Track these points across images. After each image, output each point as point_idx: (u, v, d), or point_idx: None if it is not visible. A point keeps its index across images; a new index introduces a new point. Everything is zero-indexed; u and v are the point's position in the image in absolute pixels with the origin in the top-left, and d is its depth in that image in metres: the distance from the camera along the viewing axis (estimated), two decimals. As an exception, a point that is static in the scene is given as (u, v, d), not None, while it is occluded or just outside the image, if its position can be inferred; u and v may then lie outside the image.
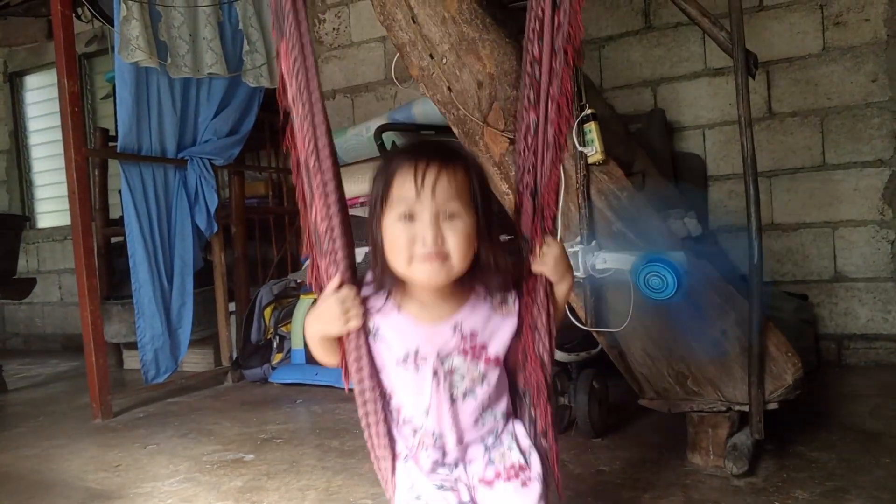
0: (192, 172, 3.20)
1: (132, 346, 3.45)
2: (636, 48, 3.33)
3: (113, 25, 2.84)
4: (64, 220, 5.01)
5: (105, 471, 2.11)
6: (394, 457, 1.13)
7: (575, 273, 1.82)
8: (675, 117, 3.26)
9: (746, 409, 1.75)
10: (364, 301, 1.08)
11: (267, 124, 3.78)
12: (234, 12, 3.32)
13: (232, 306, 3.50)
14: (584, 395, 2.08)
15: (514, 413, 1.17)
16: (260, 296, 3.47)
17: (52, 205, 5.35)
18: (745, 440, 1.77)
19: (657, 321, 1.81)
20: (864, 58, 2.91)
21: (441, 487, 1.10)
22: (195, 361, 3.60)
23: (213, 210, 3.25)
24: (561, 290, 1.15)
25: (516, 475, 1.10)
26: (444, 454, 1.11)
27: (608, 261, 1.80)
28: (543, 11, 1.09)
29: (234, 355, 3.44)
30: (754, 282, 1.71)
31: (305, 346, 3.25)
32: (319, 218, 1.08)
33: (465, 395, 1.09)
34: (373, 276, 1.09)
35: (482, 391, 1.10)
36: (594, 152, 1.87)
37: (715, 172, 3.21)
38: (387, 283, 1.07)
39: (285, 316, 3.43)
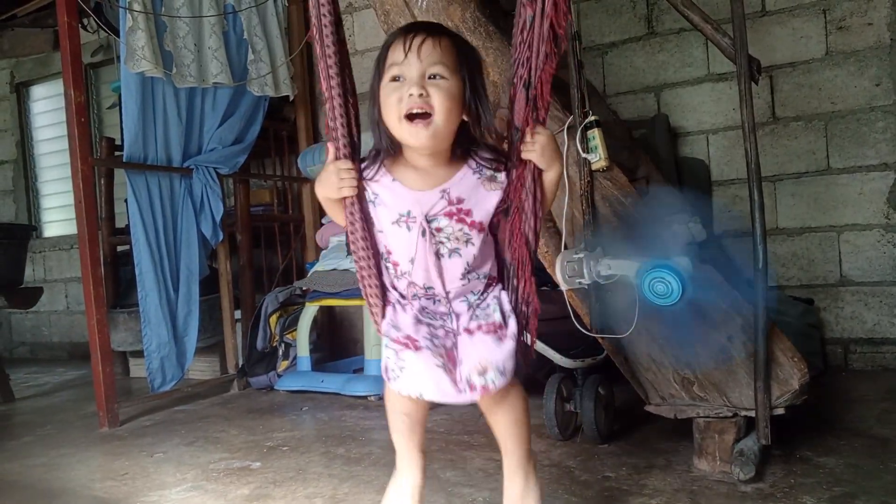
0: (198, 181, 3.22)
1: (138, 354, 3.47)
2: (639, 54, 3.33)
3: (119, 36, 2.86)
4: (70, 229, 5.03)
5: (112, 479, 2.12)
6: (384, 304, 1.30)
7: (580, 279, 1.83)
8: (678, 122, 3.26)
9: (753, 414, 1.75)
10: (363, 172, 1.24)
11: (272, 132, 3.80)
12: (238, 22, 3.34)
13: (238, 314, 3.51)
14: (590, 401, 2.07)
15: (500, 282, 1.31)
16: (265, 303, 3.48)
17: (58, 214, 5.38)
18: (751, 445, 1.76)
19: (662, 327, 1.81)
20: (867, 62, 2.91)
21: (418, 321, 1.24)
22: (201, 369, 3.61)
23: (218, 218, 3.27)
24: (549, 177, 1.27)
25: (495, 331, 1.23)
26: (434, 303, 1.27)
27: (613, 267, 1.80)
28: None
29: (240, 363, 3.45)
30: (760, 286, 1.71)
31: (311, 353, 3.28)
32: (326, 96, 1.24)
33: (451, 254, 1.24)
34: (374, 146, 1.25)
35: (467, 252, 1.25)
36: (598, 159, 1.87)
37: (719, 177, 3.21)
38: (384, 148, 1.23)
39: (291, 323, 3.44)
